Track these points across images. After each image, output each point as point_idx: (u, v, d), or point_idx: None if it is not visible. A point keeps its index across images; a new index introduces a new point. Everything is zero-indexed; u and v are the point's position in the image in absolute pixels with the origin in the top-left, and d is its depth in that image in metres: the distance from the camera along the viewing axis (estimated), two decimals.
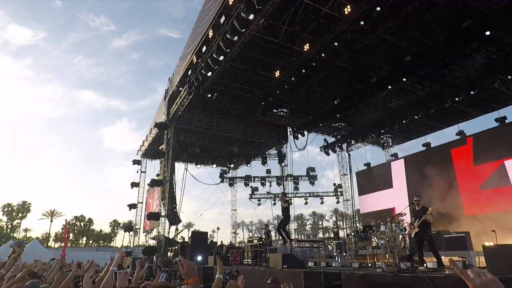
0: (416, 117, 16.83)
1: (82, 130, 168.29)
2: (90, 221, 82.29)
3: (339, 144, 22.59)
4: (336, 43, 12.96)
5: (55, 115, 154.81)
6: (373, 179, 20.74)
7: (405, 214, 9.23)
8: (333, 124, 20.81)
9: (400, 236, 9.26)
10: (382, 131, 19.56)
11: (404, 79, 14.14)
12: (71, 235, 78.06)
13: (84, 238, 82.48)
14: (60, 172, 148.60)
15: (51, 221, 77.48)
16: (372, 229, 10.41)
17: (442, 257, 7.69)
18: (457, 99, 14.78)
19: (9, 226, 71.20)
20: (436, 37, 13.27)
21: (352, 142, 23.19)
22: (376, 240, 9.78)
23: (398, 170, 18.99)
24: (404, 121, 17.57)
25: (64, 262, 6.60)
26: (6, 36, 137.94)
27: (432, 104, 15.70)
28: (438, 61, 12.96)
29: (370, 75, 15.53)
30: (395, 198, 17.44)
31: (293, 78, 14.97)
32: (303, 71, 14.47)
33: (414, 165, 17.79)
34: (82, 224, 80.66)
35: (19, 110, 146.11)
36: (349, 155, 23.74)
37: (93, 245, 76.36)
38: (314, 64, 14.14)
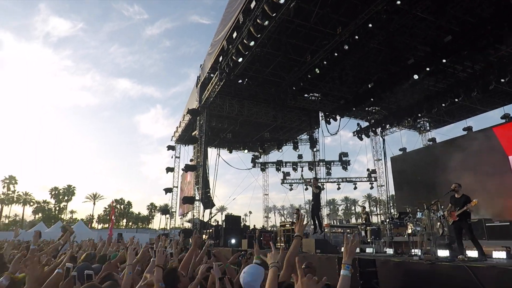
0: (456, 100, 15.97)
1: (119, 117, 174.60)
2: (129, 204, 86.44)
3: (373, 129, 22.00)
4: (370, 25, 12.44)
5: (94, 103, 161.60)
6: (409, 164, 20.06)
7: (443, 201, 8.92)
8: (366, 108, 20.27)
9: (438, 223, 8.97)
10: (419, 115, 18.77)
11: (444, 60, 13.39)
12: (112, 217, 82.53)
13: (124, 220, 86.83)
14: (100, 157, 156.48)
15: (94, 203, 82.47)
16: (408, 215, 10.14)
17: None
18: (502, 80, 13.81)
19: (57, 208, 76.60)
20: (479, 14, 12.37)
21: (387, 127, 22.47)
22: (413, 227, 9.51)
23: (436, 154, 18.23)
24: (443, 104, 16.73)
25: (111, 241, 7.06)
26: (48, 28, 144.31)
27: (475, 86, 14.79)
28: (481, 40, 12.11)
29: (406, 56, 14.84)
30: (434, 184, 16.80)
31: (325, 62, 14.63)
32: (335, 54, 14.09)
33: (454, 150, 16.97)
34: (121, 206, 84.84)
35: (61, 99, 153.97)
36: (383, 140, 23.11)
37: (132, 227, 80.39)
38: (347, 47, 13.70)
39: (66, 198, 76.16)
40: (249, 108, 20.93)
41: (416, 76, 14.30)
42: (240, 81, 18.15)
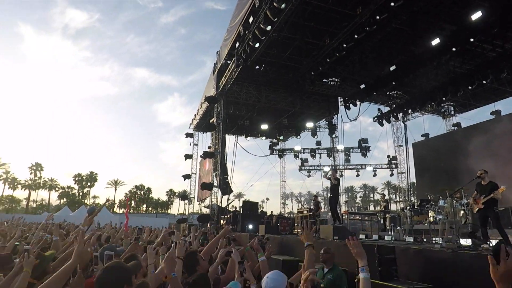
0: (484, 82, 15.21)
1: (137, 106, 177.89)
2: (149, 190, 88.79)
3: (394, 114, 21.38)
4: (392, 3, 11.87)
5: (113, 93, 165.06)
6: (432, 151, 19.45)
7: (468, 188, 8.59)
8: (387, 93, 19.66)
9: (461, 211, 8.66)
10: (444, 98, 18.04)
11: (472, 39, 12.69)
12: (132, 202, 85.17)
13: (144, 206, 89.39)
14: (121, 145, 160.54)
15: (115, 189, 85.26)
16: (429, 203, 9.85)
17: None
18: None
19: (80, 194, 79.65)
20: None
21: (409, 112, 21.80)
22: (434, 215, 9.24)
23: (461, 140, 17.56)
24: (470, 87, 15.99)
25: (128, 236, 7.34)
26: (66, 20, 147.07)
27: (505, 66, 14.00)
28: None
29: (431, 37, 14.13)
30: (457, 171, 16.26)
31: (344, 45, 14.15)
32: (355, 36, 13.58)
33: (480, 135, 16.29)
34: (142, 192, 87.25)
35: (82, 89, 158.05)
36: (405, 125, 22.44)
37: (152, 212, 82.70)
38: (367, 28, 13.16)
39: (89, 184, 79.08)
40: (267, 95, 20.73)
41: (441, 57, 13.64)
42: (257, 67, 17.91)
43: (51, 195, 77.62)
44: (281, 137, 27.58)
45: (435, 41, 13.88)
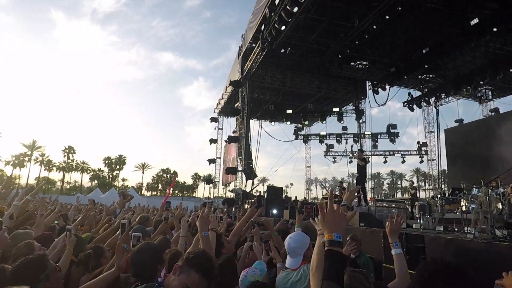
0: None
1: (163, 90, 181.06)
2: (175, 173, 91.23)
3: (426, 98, 20.52)
4: None
5: (140, 77, 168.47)
6: (466, 137, 18.54)
7: (505, 177, 8.16)
8: (419, 76, 18.82)
9: (497, 201, 8.25)
10: (481, 82, 17.06)
11: None
12: (159, 185, 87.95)
13: (171, 189, 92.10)
14: (147, 129, 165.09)
15: (143, 172, 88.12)
16: (462, 191, 9.46)
17: None
18: None
19: (110, 176, 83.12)
20: None
21: (442, 96, 20.82)
22: (467, 204, 8.87)
23: (498, 127, 16.60)
24: (511, 70, 14.97)
25: (164, 208, 7.64)
26: (94, 5, 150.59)
27: None
28: None
29: (469, 16, 13.26)
30: (493, 158, 15.44)
31: (374, 26, 13.58)
32: (387, 17, 12.99)
33: None
34: (168, 176, 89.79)
35: (110, 74, 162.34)
36: (437, 110, 21.49)
37: (178, 195, 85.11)
38: (399, 8, 12.55)
39: (118, 167, 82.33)
40: (292, 79, 20.41)
41: (479, 38, 12.80)
42: (282, 50, 17.59)
43: (83, 177, 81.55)
44: (306, 122, 27.22)
45: (474, 21, 13.00)
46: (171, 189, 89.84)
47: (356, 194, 2.85)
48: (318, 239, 1.72)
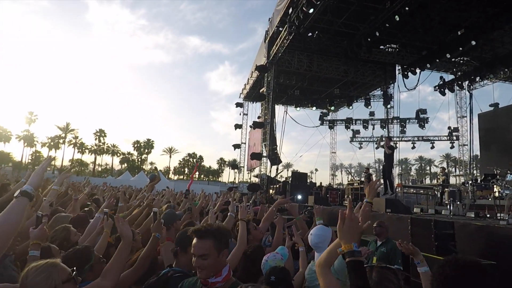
0: None
1: (190, 74, 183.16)
2: (201, 158, 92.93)
3: (459, 82, 19.71)
4: None
5: (167, 61, 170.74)
6: (501, 122, 17.78)
7: None
8: (453, 60, 18.01)
9: None
10: None
11: None
12: (186, 169, 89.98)
13: (197, 173, 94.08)
14: (174, 113, 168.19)
15: (170, 156, 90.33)
16: (495, 177, 9.21)
17: None
18: None
19: (139, 160, 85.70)
20: None
21: (477, 79, 19.90)
22: (500, 190, 8.65)
23: None
24: None
25: (193, 196, 7.87)
26: None
27: None
28: None
29: None
30: None
31: (406, 8, 13.05)
32: None
33: None
34: (194, 160, 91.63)
35: (138, 57, 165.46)
36: (470, 94, 20.64)
37: (204, 179, 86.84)
38: None
39: (146, 150, 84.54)
40: (319, 63, 20.14)
41: None
42: (310, 34, 17.29)
43: (113, 160, 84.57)
44: (332, 108, 26.86)
45: None
46: (196, 174, 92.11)
47: (377, 184, 2.77)
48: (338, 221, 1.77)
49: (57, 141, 72.95)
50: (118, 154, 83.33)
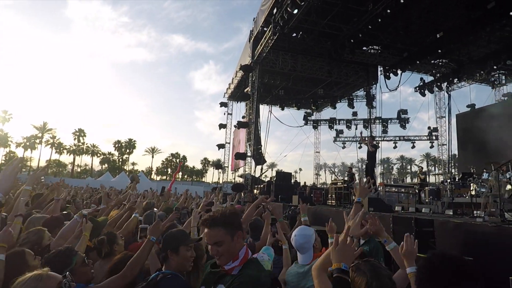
0: None
1: (173, 73, 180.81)
2: (185, 158, 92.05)
3: (438, 84, 20.29)
4: None
5: (150, 59, 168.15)
6: (478, 122, 18.41)
7: None
8: (432, 61, 18.53)
9: (507, 185, 8.33)
10: (495, 67, 16.79)
11: None
12: (169, 170, 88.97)
13: (180, 173, 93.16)
14: (157, 113, 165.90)
15: (152, 156, 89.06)
16: (472, 176, 9.54)
17: None
18: None
19: (120, 160, 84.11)
20: None
21: (455, 81, 20.54)
22: (477, 188, 8.97)
23: (510, 111, 16.44)
24: None
25: (169, 195, 7.77)
26: None
27: None
28: None
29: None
30: (505, 143, 15.36)
31: (388, 10, 13.37)
32: (401, 1, 12.77)
33: None
34: (177, 160, 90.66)
35: (120, 55, 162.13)
36: (449, 95, 21.28)
37: (187, 180, 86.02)
38: None
39: (128, 151, 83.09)
40: (303, 63, 20.30)
41: (495, 22, 12.54)
42: (294, 34, 17.42)
43: (93, 161, 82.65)
44: (316, 108, 27.17)
45: (491, 5, 12.71)
46: (178, 174, 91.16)
47: (368, 184, 2.72)
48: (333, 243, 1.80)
49: (33, 141, 70.46)
50: (98, 155, 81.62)
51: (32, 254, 2.26)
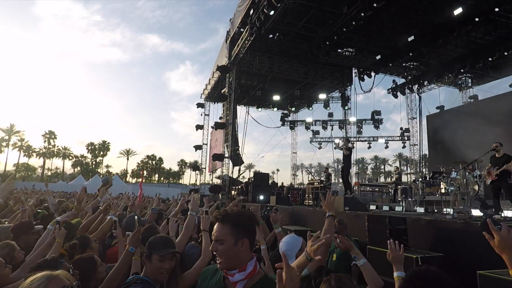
0: (506, 53, 14.70)
1: (149, 74, 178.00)
2: (161, 160, 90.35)
3: (409, 86, 20.99)
4: None
5: (124, 59, 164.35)
6: (446, 123, 19.19)
7: (482, 161, 8.58)
8: (404, 64, 19.15)
9: (474, 183, 8.71)
10: (462, 70, 17.56)
11: (497, 9, 12.13)
12: (145, 172, 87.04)
13: (156, 175, 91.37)
14: (132, 114, 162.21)
15: (127, 159, 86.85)
16: (442, 175, 9.91)
17: None
18: None
19: (94, 163, 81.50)
20: None
21: (425, 83, 21.33)
22: (446, 186, 9.33)
23: (477, 113, 17.24)
24: (490, 59, 15.49)
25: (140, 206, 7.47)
26: None
27: None
28: None
29: (453, 5, 13.54)
30: (472, 143, 16.08)
31: (362, 14, 13.69)
32: (375, 4, 13.11)
33: (497, 108, 15.93)
34: (153, 162, 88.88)
35: (93, 55, 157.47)
36: (419, 97, 22.07)
37: (164, 182, 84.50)
38: None
39: (101, 153, 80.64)
40: (280, 65, 20.43)
41: (462, 28, 13.12)
42: (270, 36, 17.51)
43: (65, 164, 79.74)
44: (293, 109, 27.43)
45: (458, 11, 13.31)
46: (154, 177, 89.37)
47: (332, 198, 2.81)
48: (327, 220, 1.77)
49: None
50: (70, 157, 78.79)
51: (2, 262, 2.21)
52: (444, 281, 1.44)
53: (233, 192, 19.52)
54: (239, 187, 19.42)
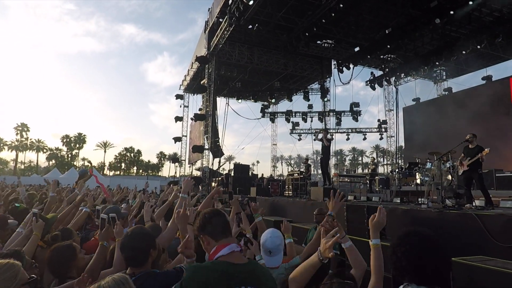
0: (479, 46, 15.11)
1: (126, 65, 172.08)
2: (139, 152, 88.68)
3: (387, 78, 21.31)
4: None
5: (99, 50, 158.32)
6: (422, 115, 19.71)
7: (455, 152, 8.82)
8: (381, 56, 19.40)
9: (448, 173, 8.97)
10: (437, 63, 17.97)
11: (470, 2, 12.42)
12: (122, 164, 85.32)
13: (135, 168, 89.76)
14: (109, 105, 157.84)
15: (105, 151, 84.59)
16: (417, 166, 10.15)
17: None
18: None
19: (69, 156, 79.05)
20: None
21: (401, 76, 21.73)
22: (421, 177, 9.57)
23: (451, 105, 17.78)
24: (463, 52, 15.90)
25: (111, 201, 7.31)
26: None
27: (500, 31, 13.88)
28: None
29: None
30: (446, 134, 16.61)
31: (341, 5, 13.67)
32: None
33: (470, 100, 16.48)
34: (132, 155, 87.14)
35: (67, 45, 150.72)
36: (396, 89, 22.52)
37: (143, 174, 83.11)
38: None
39: (77, 146, 78.26)
40: (259, 56, 20.27)
41: (438, 21, 13.34)
42: (250, 26, 17.27)
43: (39, 157, 76.98)
44: (273, 100, 27.40)
45: (433, 3, 13.52)
46: (133, 170, 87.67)
47: (343, 200, 2.88)
48: (314, 256, 1.76)
49: None
50: (45, 150, 76.02)
51: None
52: (433, 237, 1.63)
53: (213, 184, 19.44)
54: (219, 178, 19.36)
